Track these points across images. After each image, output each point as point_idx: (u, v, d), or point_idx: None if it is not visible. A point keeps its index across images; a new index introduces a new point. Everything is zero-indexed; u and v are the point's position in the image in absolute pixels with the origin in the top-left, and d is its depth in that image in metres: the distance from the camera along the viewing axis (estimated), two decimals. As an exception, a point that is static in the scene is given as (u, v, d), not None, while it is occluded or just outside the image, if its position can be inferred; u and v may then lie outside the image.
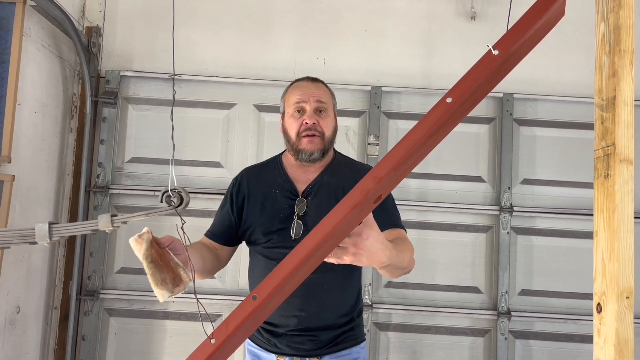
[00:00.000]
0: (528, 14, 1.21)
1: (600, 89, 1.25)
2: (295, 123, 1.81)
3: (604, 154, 1.23)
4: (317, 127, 1.80)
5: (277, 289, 1.23)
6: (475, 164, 3.43)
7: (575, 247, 3.36)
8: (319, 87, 1.88)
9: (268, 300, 1.24)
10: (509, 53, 1.19)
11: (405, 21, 3.52)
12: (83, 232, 1.23)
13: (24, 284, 2.97)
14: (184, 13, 3.47)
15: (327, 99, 1.87)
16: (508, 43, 1.19)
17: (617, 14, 1.22)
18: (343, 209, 1.26)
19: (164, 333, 3.35)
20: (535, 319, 3.32)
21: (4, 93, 2.63)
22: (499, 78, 1.25)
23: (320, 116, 1.81)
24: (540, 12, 1.19)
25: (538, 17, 1.18)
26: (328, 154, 1.87)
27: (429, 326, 3.34)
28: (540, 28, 1.20)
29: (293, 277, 1.25)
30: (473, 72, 1.21)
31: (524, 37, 1.18)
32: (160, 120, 3.43)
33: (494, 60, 1.19)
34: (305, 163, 1.83)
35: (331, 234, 1.26)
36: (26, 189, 2.92)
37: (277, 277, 1.23)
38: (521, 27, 1.19)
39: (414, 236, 3.31)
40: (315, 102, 1.81)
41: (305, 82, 1.89)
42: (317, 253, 1.27)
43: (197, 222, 3.12)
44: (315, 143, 1.79)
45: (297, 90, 1.85)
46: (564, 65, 3.46)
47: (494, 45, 1.21)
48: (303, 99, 1.81)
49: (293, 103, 1.83)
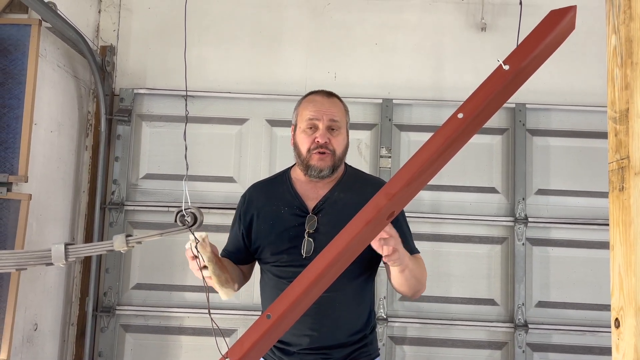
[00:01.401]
0: (538, 28, 1.21)
1: (613, 102, 1.23)
2: (307, 139, 1.79)
3: (619, 167, 1.21)
4: (328, 145, 1.78)
5: (291, 307, 1.24)
6: (488, 175, 3.41)
7: (592, 257, 3.32)
8: (333, 103, 1.85)
9: (282, 318, 1.24)
10: (520, 68, 1.19)
11: (416, 34, 3.53)
12: (98, 252, 1.25)
13: (40, 300, 3.00)
14: (196, 31, 3.51)
15: (341, 116, 1.84)
16: (519, 58, 1.19)
17: (628, 26, 1.21)
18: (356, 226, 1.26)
19: (179, 349, 3.36)
20: (553, 331, 3.28)
21: (20, 113, 2.67)
22: (510, 93, 1.25)
23: (332, 134, 1.79)
24: (551, 26, 1.19)
25: (548, 32, 1.18)
26: (338, 170, 1.86)
27: (445, 339, 3.31)
28: (550, 42, 1.20)
29: (307, 294, 1.25)
30: (484, 88, 1.22)
31: (534, 52, 1.18)
32: (174, 136, 3.46)
33: (505, 75, 1.19)
34: (314, 179, 1.83)
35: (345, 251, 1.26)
36: (42, 207, 2.95)
37: (292, 295, 1.24)
38: (531, 41, 1.19)
39: (428, 248, 3.30)
40: (329, 120, 1.79)
41: (320, 96, 1.86)
42: (331, 270, 1.27)
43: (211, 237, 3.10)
44: (326, 161, 1.77)
45: (311, 106, 1.83)
46: (577, 74, 3.44)
47: (505, 60, 1.21)
48: (316, 117, 1.79)
49: (306, 118, 1.80)
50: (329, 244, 1.26)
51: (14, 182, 2.67)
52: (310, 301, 1.29)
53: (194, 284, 3.35)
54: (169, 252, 3.37)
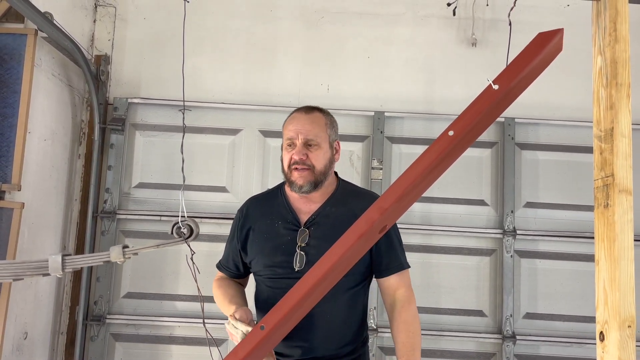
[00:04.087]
0: (527, 49, 1.25)
1: (598, 121, 1.28)
2: (287, 156, 1.83)
3: (604, 184, 1.26)
4: (306, 161, 1.79)
5: (285, 319, 1.26)
6: (478, 188, 3.46)
7: (579, 270, 3.37)
8: (312, 119, 1.86)
9: (276, 329, 1.27)
10: (509, 88, 1.23)
11: (408, 48, 3.58)
12: (95, 263, 1.27)
13: (31, 309, 2.99)
14: (190, 42, 3.53)
15: (319, 131, 1.84)
16: (508, 78, 1.23)
17: (613, 47, 1.25)
18: (349, 239, 1.29)
19: (169, 358, 3.35)
20: (540, 343, 3.31)
21: (15, 122, 2.68)
22: (499, 111, 1.29)
23: (309, 150, 1.81)
24: (539, 48, 1.23)
25: (536, 53, 1.23)
26: (324, 184, 1.85)
27: (434, 350, 3.33)
28: (538, 63, 1.24)
29: (301, 306, 1.28)
30: (474, 106, 1.26)
31: (523, 72, 1.22)
32: (167, 146, 3.48)
33: (495, 94, 1.23)
34: (303, 194, 1.84)
35: (338, 264, 1.29)
36: (35, 216, 2.95)
37: (285, 307, 1.26)
38: (520, 62, 1.24)
39: (418, 260, 3.33)
40: (304, 137, 1.81)
41: (300, 113, 1.89)
42: (324, 282, 1.30)
43: (205, 246, 3.16)
44: (304, 176, 1.79)
45: (290, 124, 1.86)
46: (565, 90, 3.49)
47: (494, 80, 1.25)
48: (293, 135, 1.82)
49: (286, 137, 1.85)
50: (322, 257, 1.29)
51: (7, 190, 2.68)
52: (303, 312, 1.32)
53: (184, 294, 3.36)
54: (160, 261, 3.37)
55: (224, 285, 1.93)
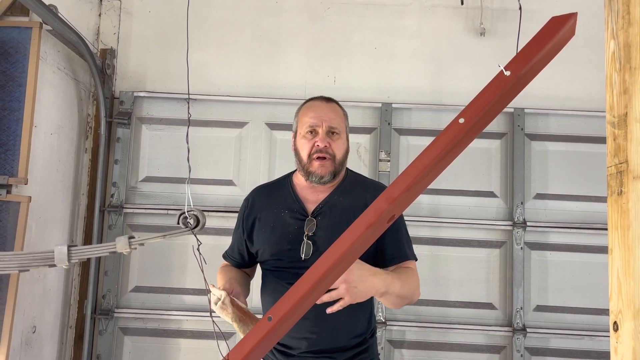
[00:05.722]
0: (539, 34, 1.22)
1: (611, 106, 1.24)
2: (307, 144, 1.80)
3: (617, 171, 1.22)
4: (328, 149, 1.79)
5: (292, 310, 1.24)
6: (487, 179, 3.42)
7: (590, 262, 3.33)
8: (332, 108, 1.86)
9: (283, 320, 1.25)
10: (521, 74, 1.20)
11: (415, 39, 3.55)
12: (101, 254, 1.25)
13: (39, 303, 3.00)
14: (196, 35, 3.52)
15: (340, 121, 1.85)
16: (520, 64, 1.20)
17: (626, 31, 1.22)
18: (357, 229, 1.27)
19: (177, 352, 3.36)
20: (551, 336, 3.28)
21: (20, 116, 2.68)
22: (510, 98, 1.26)
23: (332, 138, 1.80)
24: (552, 32, 1.20)
25: (550, 38, 1.20)
26: (340, 175, 1.86)
27: (444, 343, 3.31)
28: (551, 48, 1.21)
29: (308, 297, 1.26)
30: (485, 93, 1.23)
31: (535, 57, 1.19)
32: (173, 139, 3.47)
33: (506, 80, 1.20)
34: (314, 184, 1.83)
35: (346, 254, 1.27)
36: (42, 210, 2.95)
37: (293, 298, 1.24)
38: (533, 47, 1.21)
39: (427, 252, 3.31)
40: (328, 125, 1.80)
41: (319, 102, 1.87)
42: (332, 273, 1.28)
43: (211, 240, 3.15)
44: (326, 167, 1.78)
45: (311, 111, 1.84)
46: (575, 80, 3.46)
47: (506, 66, 1.22)
48: (316, 122, 1.80)
49: (306, 124, 1.82)
50: (330, 247, 1.27)
51: (13, 184, 2.68)
52: (311, 303, 1.30)
53: (192, 287, 3.36)
54: (168, 255, 3.37)
55: (226, 270, 1.94)
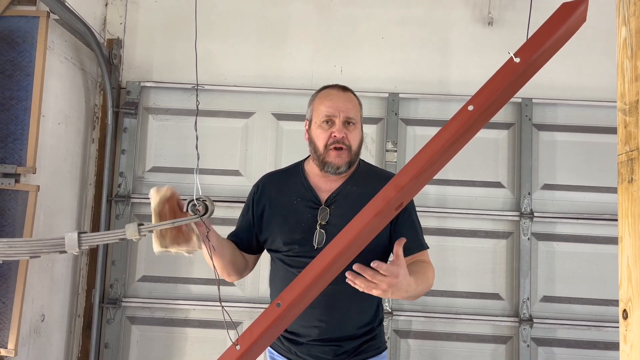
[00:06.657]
0: (550, 20, 1.21)
1: (622, 93, 1.23)
2: (323, 134, 1.79)
3: (628, 159, 1.21)
4: (345, 140, 1.77)
5: (301, 296, 1.25)
6: (494, 170, 3.41)
7: (597, 252, 3.32)
8: (349, 98, 1.84)
9: (292, 307, 1.25)
10: (531, 60, 1.19)
11: (422, 28, 3.53)
12: (111, 241, 1.26)
13: (48, 292, 3.02)
14: (202, 25, 3.47)
15: (356, 112, 1.83)
16: (530, 50, 1.19)
17: (638, 17, 1.20)
18: (366, 217, 1.27)
19: (185, 341, 3.38)
20: (557, 326, 3.28)
21: (28, 105, 2.68)
22: (519, 85, 1.25)
23: (348, 129, 1.79)
24: (563, 19, 1.19)
25: (560, 24, 1.19)
26: (354, 165, 1.85)
27: (450, 333, 3.32)
28: (562, 35, 1.20)
29: (317, 283, 1.26)
30: (495, 80, 1.22)
31: (546, 44, 1.18)
32: (180, 129, 3.47)
33: (516, 67, 1.19)
34: (330, 174, 1.81)
35: (354, 241, 1.27)
36: (50, 199, 2.97)
37: (302, 284, 1.25)
38: (543, 34, 1.20)
39: (434, 243, 3.28)
40: (345, 115, 1.78)
41: (336, 91, 1.85)
42: (340, 260, 1.28)
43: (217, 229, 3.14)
44: (343, 157, 1.77)
45: (327, 100, 1.82)
46: (583, 69, 3.43)
47: (516, 52, 1.21)
48: (333, 112, 1.78)
49: (322, 113, 1.80)
50: (338, 235, 1.27)
51: (22, 173, 2.69)
52: (319, 290, 1.30)
53: (200, 277, 3.37)
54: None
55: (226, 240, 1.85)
